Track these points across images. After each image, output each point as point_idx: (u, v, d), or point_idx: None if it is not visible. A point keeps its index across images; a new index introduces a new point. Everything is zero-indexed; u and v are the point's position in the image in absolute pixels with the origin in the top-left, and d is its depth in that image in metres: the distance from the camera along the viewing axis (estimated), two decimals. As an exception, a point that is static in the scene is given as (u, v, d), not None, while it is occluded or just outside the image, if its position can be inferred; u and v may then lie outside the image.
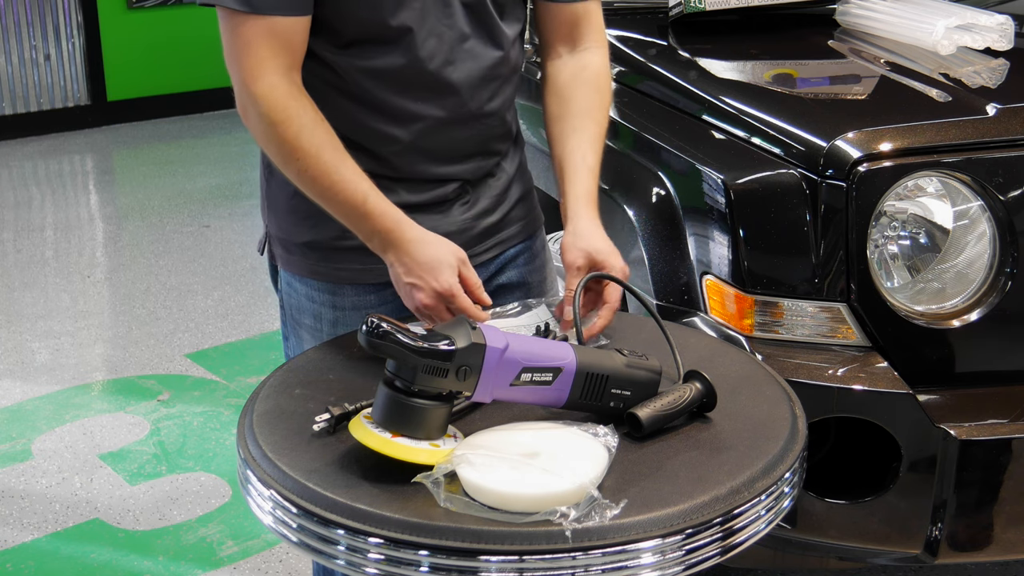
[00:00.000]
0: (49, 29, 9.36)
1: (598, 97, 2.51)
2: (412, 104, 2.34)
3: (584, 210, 2.38)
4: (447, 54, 2.33)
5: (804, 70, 3.74)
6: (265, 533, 3.82)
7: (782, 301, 2.89)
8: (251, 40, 2.20)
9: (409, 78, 2.32)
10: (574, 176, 2.42)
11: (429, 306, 2.23)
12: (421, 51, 2.30)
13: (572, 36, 2.52)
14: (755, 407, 2.01)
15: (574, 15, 2.51)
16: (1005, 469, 2.81)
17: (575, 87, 2.50)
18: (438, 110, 2.36)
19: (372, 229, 2.25)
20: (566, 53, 2.53)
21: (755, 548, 1.80)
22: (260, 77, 2.20)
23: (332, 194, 2.24)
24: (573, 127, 2.46)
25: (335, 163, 2.23)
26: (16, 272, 6.59)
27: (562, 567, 1.64)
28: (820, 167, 2.88)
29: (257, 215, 2.67)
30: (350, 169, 2.24)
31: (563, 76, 2.51)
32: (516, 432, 1.85)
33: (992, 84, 3.31)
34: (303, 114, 2.23)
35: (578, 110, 2.48)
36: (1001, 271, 2.89)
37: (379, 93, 2.33)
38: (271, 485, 1.79)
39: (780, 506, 1.84)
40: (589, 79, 2.50)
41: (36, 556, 3.91)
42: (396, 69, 2.31)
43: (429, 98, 2.35)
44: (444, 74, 2.34)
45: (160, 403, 4.98)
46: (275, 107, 2.21)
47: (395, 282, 2.29)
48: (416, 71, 2.31)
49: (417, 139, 2.37)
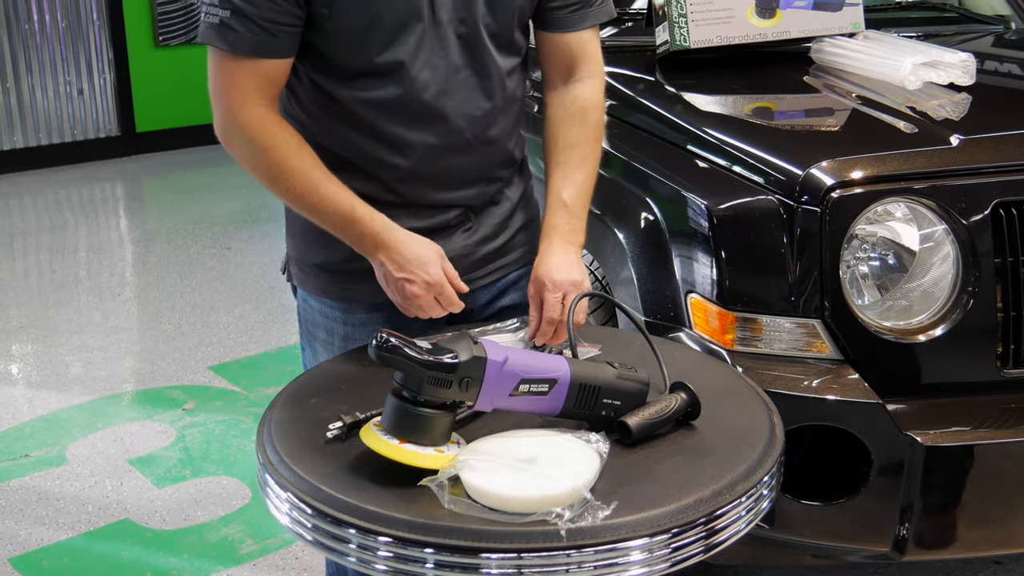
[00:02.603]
0: (82, 65, 9.37)
1: (583, 129, 2.48)
2: (410, 132, 2.34)
3: (549, 242, 2.38)
4: (441, 84, 2.32)
5: (781, 104, 3.74)
6: (282, 532, 3.79)
7: (761, 317, 2.89)
8: (238, 76, 2.23)
9: (406, 108, 2.32)
10: (549, 211, 2.42)
11: (419, 296, 2.26)
12: (416, 82, 2.30)
13: (568, 67, 2.50)
14: (736, 416, 2.01)
15: (571, 46, 2.49)
16: (967, 473, 2.80)
17: (562, 121, 2.48)
18: (435, 138, 2.36)
19: (362, 233, 2.27)
20: (561, 85, 2.51)
21: (736, 546, 1.80)
22: (246, 108, 2.24)
23: (322, 207, 2.27)
24: (556, 161, 2.46)
25: (321, 179, 2.26)
26: (52, 291, 6.59)
27: (557, 564, 1.64)
28: (796, 194, 2.88)
29: (275, 237, 2.69)
30: (335, 184, 2.27)
31: (554, 108, 2.50)
32: (515, 439, 1.85)
33: (955, 117, 3.30)
34: (289, 139, 2.26)
35: (565, 143, 2.46)
36: (964, 290, 2.89)
37: (379, 122, 2.33)
38: (288, 488, 1.79)
39: (759, 507, 1.84)
40: (576, 112, 2.48)
41: (70, 554, 3.91)
42: (393, 99, 2.31)
43: (426, 127, 2.35)
44: (439, 104, 2.33)
45: (185, 412, 4.97)
46: (264, 134, 2.24)
47: (384, 279, 2.31)
48: (412, 101, 2.31)
49: (417, 166, 2.37)
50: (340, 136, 2.32)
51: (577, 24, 2.47)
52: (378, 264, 2.29)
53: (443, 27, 2.29)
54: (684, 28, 3.87)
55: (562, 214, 2.40)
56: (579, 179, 2.44)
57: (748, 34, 3.92)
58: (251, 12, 2.17)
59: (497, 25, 2.36)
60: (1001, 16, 4.79)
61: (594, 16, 2.49)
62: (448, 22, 2.30)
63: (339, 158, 2.33)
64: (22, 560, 3.87)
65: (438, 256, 2.28)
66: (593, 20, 2.50)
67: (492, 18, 2.34)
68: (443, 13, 2.28)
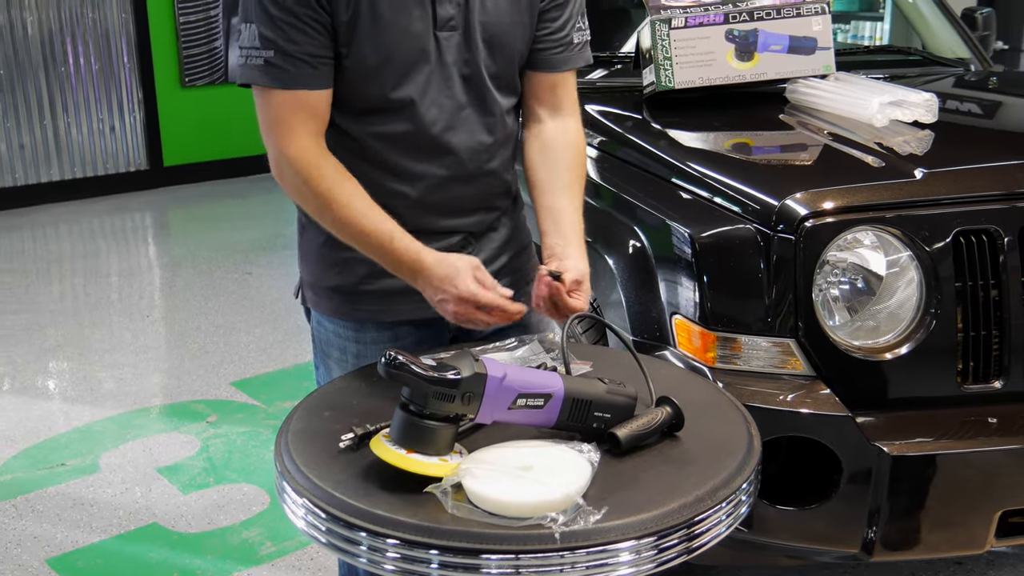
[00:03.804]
0: (114, 104, 9.38)
1: (580, 157, 2.51)
2: (417, 165, 2.36)
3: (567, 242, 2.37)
4: (447, 121, 2.34)
5: (759, 140, 3.75)
6: (299, 535, 3.80)
7: (740, 337, 2.89)
8: (283, 111, 2.24)
9: (414, 142, 2.34)
10: (563, 220, 2.39)
11: (459, 312, 2.22)
12: (424, 118, 2.32)
13: (552, 102, 2.52)
14: (717, 428, 2.01)
15: (554, 83, 2.51)
16: (930, 480, 2.80)
17: (559, 146, 2.49)
18: (441, 169, 2.37)
19: (399, 260, 2.25)
20: (547, 117, 2.52)
21: (716, 548, 1.80)
22: (292, 141, 2.24)
23: (364, 236, 2.26)
24: (563, 183, 2.46)
25: (363, 209, 2.25)
26: (86, 312, 6.59)
27: (552, 564, 1.64)
28: (772, 223, 2.89)
29: (292, 263, 2.68)
30: (376, 212, 2.26)
31: (548, 134, 2.51)
32: (513, 449, 1.85)
33: (919, 152, 3.31)
34: (333, 171, 2.26)
35: (567, 165, 2.47)
36: (927, 312, 2.89)
37: (388, 155, 2.35)
38: (303, 494, 1.79)
39: (738, 512, 1.84)
40: (571, 142, 2.51)
41: (103, 555, 3.90)
42: (402, 134, 2.33)
43: (432, 159, 2.36)
44: (445, 138, 2.35)
45: (209, 424, 4.96)
46: (308, 165, 2.24)
47: (432, 304, 2.28)
48: (420, 136, 2.33)
49: (423, 195, 2.38)
50: (354, 168, 2.32)
51: (561, 65, 2.50)
52: (421, 290, 2.28)
53: (448, 68, 2.32)
54: (669, 70, 3.88)
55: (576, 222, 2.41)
56: (580, 195, 2.47)
57: (728, 75, 3.93)
58: (293, 49, 2.19)
59: (497, 68, 2.39)
60: (961, 59, 4.81)
61: (574, 60, 2.52)
62: (453, 64, 2.32)
63: None
64: (58, 561, 3.87)
65: (469, 268, 2.22)
66: (574, 64, 2.53)
67: (492, 61, 2.37)
68: (448, 56, 2.31)
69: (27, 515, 4.18)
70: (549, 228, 2.40)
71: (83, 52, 9.15)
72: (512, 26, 2.38)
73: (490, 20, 2.35)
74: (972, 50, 4.86)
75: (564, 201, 2.43)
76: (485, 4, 2.33)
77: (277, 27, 2.19)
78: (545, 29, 2.46)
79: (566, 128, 2.52)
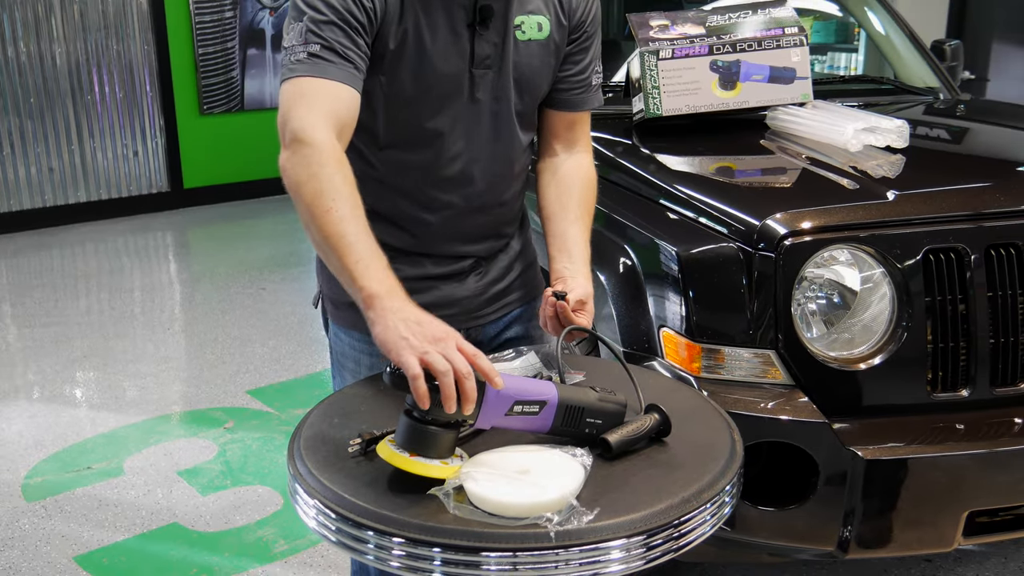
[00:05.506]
0: (137, 131, 9.38)
1: (590, 191, 2.51)
2: (441, 194, 2.34)
3: (577, 268, 2.37)
4: (473, 153, 2.33)
5: (741, 164, 3.75)
6: (310, 534, 3.80)
7: (723, 348, 2.89)
8: (320, 95, 2.09)
9: (439, 172, 2.32)
10: (573, 249, 2.40)
11: (429, 352, 1.82)
12: (451, 150, 2.30)
13: (569, 138, 2.52)
14: (702, 433, 2.00)
15: (572, 121, 2.52)
16: (902, 483, 2.80)
17: (573, 180, 2.49)
18: (461, 199, 2.36)
19: (361, 289, 1.96)
20: (563, 152, 2.53)
21: (702, 546, 1.79)
22: (318, 127, 2.04)
23: (347, 237, 1.99)
24: (576, 216, 2.45)
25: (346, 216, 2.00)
26: (111, 325, 6.59)
27: (547, 562, 1.63)
28: (754, 241, 2.89)
29: (303, 279, 2.68)
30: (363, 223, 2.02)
31: (562, 168, 2.50)
32: (510, 453, 1.85)
33: (892, 175, 3.31)
34: (347, 172, 2.03)
35: (579, 199, 2.47)
36: (899, 325, 2.89)
37: (414, 184, 2.33)
38: (315, 496, 1.79)
39: (722, 512, 1.83)
40: (584, 176, 2.50)
41: (126, 552, 3.90)
42: (428, 164, 2.31)
43: (455, 189, 2.35)
44: (468, 170, 2.34)
45: (226, 430, 4.96)
46: (324, 152, 2.02)
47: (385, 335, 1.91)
48: (445, 167, 2.32)
49: (444, 222, 2.37)
50: (380, 195, 2.30)
51: (581, 105, 2.51)
52: (382, 313, 1.94)
53: (479, 104, 2.31)
54: (657, 98, 3.88)
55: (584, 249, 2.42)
56: (589, 225, 2.47)
57: (712, 103, 3.93)
58: (339, 47, 2.10)
59: (523, 106, 2.38)
60: (931, 87, 4.81)
61: (591, 101, 2.53)
62: (483, 100, 2.31)
63: (376, 213, 2.29)
64: (85, 559, 3.86)
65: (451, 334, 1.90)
66: (591, 104, 2.53)
67: (519, 99, 2.36)
68: (480, 92, 2.30)
69: (55, 515, 4.18)
70: (558, 253, 2.40)
71: (108, 82, 9.15)
72: (542, 67, 2.38)
73: (522, 61, 2.34)
74: (941, 79, 4.86)
75: (574, 230, 2.42)
76: (519, 46, 2.32)
77: (328, 27, 2.11)
78: (568, 71, 2.46)
79: (579, 163, 2.52)
